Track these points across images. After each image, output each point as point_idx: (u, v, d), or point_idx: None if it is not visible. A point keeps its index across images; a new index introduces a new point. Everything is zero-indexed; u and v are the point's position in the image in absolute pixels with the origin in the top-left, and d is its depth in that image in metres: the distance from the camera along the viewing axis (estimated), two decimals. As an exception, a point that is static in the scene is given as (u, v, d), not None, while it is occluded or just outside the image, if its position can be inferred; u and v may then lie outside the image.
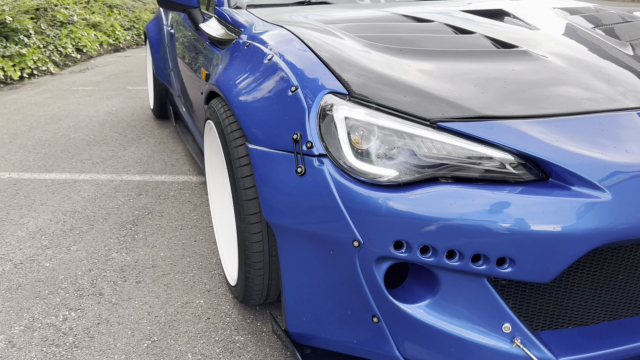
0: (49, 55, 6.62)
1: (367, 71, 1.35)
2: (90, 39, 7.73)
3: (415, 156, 1.18)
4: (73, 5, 7.93)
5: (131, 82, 5.87)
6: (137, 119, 4.21)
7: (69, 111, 4.50)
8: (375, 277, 1.21)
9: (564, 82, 1.37)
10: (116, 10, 9.33)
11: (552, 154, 1.14)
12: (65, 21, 7.39)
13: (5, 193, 2.74)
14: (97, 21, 8.21)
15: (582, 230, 1.09)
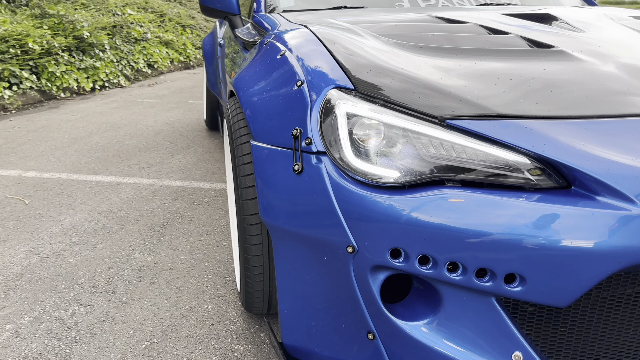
0: (121, 70, 6.96)
1: (378, 67, 1.25)
2: (161, 55, 8.07)
3: (420, 156, 1.06)
4: (148, 23, 8.34)
5: (193, 96, 6.04)
6: (191, 130, 4.29)
7: (129, 120, 4.67)
8: (371, 288, 1.10)
9: (601, 83, 1.21)
10: (188, 30, 9.73)
11: (575, 159, 0.99)
12: (140, 38, 7.76)
13: (51, 192, 2.84)
14: (170, 39, 8.58)
15: (607, 247, 0.93)
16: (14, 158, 3.50)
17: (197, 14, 10.75)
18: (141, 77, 7.42)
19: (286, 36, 1.54)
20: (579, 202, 0.97)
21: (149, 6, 9.05)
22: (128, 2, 8.46)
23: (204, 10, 2.42)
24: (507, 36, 1.49)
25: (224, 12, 2.37)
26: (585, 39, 1.49)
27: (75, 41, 6.26)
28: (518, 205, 0.98)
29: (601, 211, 0.95)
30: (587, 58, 1.32)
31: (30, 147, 3.77)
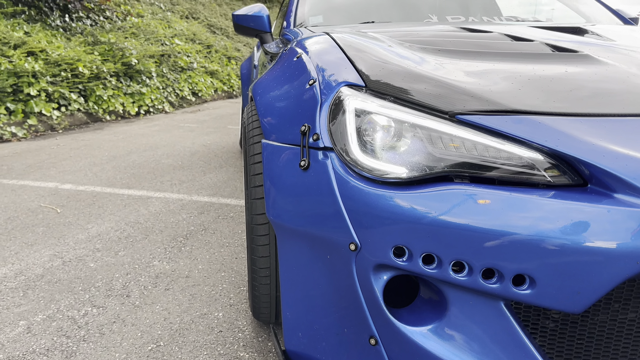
0: (166, 96, 7.19)
1: (392, 65, 1.23)
2: (206, 84, 8.31)
3: (428, 152, 1.02)
4: (195, 54, 8.63)
5: (233, 122, 6.16)
6: (226, 152, 4.35)
7: (168, 142, 4.78)
8: (373, 289, 1.04)
9: (624, 84, 1.14)
10: (233, 61, 10.02)
11: (592, 155, 0.93)
12: (186, 67, 8.03)
13: (83, 202, 2.91)
14: (215, 69, 8.84)
15: (625, 247, 0.86)
16: (54, 172, 3.62)
17: (243, 47, 11.09)
18: (185, 104, 7.64)
19: (306, 42, 1.54)
20: (595, 199, 0.90)
21: (196, 38, 9.39)
22: (177, 34, 8.80)
23: (237, 29, 2.47)
24: (531, 43, 1.45)
25: (256, 30, 2.42)
26: (613, 47, 1.43)
27: (123, 67, 6.53)
28: (530, 202, 0.92)
29: (619, 209, 0.88)
30: (612, 62, 1.26)
31: (70, 163, 3.89)
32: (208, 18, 11.20)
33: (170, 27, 9.07)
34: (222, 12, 12.33)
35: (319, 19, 2.33)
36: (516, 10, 2.88)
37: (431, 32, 1.62)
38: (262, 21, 2.38)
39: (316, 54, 1.37)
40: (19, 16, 6.40)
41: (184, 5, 10.99)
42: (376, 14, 2.35)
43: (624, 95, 1.09)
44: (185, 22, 10.03)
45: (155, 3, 10.22)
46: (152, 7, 9.86)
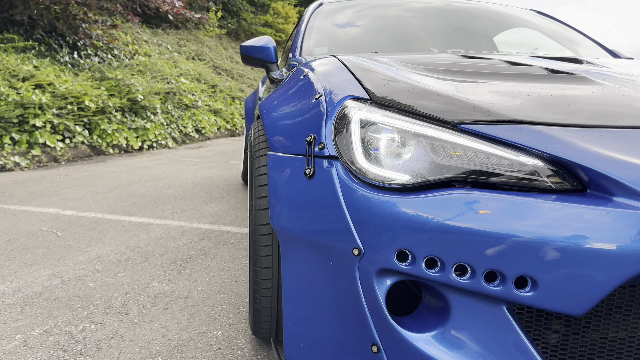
0: (170, 132, 7.29)
1: (396, 81, 1.27)
2: (210, 122, 8.43)
3: (431, 159, 1.04)
4: (200, 92, 8.80)
5: (235, 157, 6.22)
6: (228, 184, 4.38)
7: (170, 174, 4.82)
8: (376, 294, 1.04)
9: (622, 100, 1.18)
10: (237, 101, 10.19)
11: (591, 160, 0.95)
12: (190, 105, 8.17)
13: (84, 227, 2.91)
14: (219, 108, 8.99)
15: (625, 248, 0.87)
16: (56, 199, 3.63)
17: (247, 87, 11.30)
18: (188, 140, 7.72)
19: (312, 63, 1.59)
20: (595, 203, 0.92)
21: (202, 78, 9.59)
22: (183, 73, 8.99)
23: (245, 59, 2.54)
24: (529, 67, 1.50)
25: (262, 60, 2.49)
26: (607, 72, 1.48)
27: (129, 103, 6.64)
28: (531, 206, 0.94)
29: (618, 211, 0.89)
30: (607, 83, 1.30)
31: (72, 191, 3.91)
32: (214, 60, 11.46)
33: (177, 66, 9.27)
34: (227, 55, 12.64)
35: (324, 50, 2.40)
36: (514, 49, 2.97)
37: (434, 58, 1.67)
38: (269, 52, 2.46)
39: (322, 72, 1.42)
40: (29, 51, 6.56)
41: (190, 47, 11.27)
42: (380, 47, 2.43)
43: (619, 109, 1.12)
44: (191, 62, 10.27)
45: (163, 44, 10.48)
46: (159, 48, 10.11)
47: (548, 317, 0.98)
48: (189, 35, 12.02)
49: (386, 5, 2.94)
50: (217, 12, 13.40)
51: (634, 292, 0.95)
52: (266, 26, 16.65)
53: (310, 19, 2.62)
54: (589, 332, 0.97)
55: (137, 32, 10.15)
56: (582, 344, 0.98)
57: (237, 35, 15.47)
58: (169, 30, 11.48)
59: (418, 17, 2.83)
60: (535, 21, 2.99)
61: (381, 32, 2.68)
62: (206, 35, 12.73)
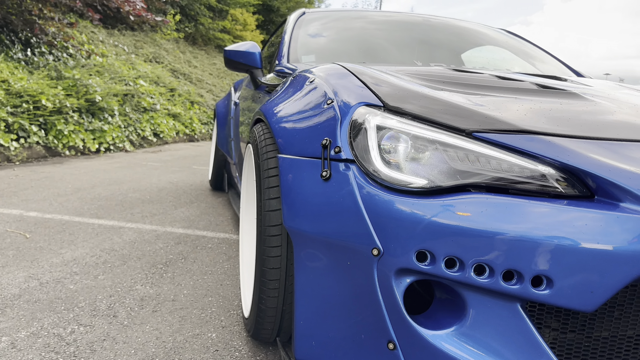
0: (127, 135, 7.12)
1: (404, 89, 1.32)
2: (168, 126, 8.29)
3: (448, 165, 1.10)
4: (158, 95, 8.64)
5: (197, 163, 6.15)
6: (194, 189, 4.33)
7: (132, 178, 4.71)
8: (394, 293, 1.09)
9: (616, 116, 1.28)
10: (197, 106, 10.07)
11: (599, 168, 1.03)
12: (149, 108, 8.01)
13: (53, 229, 2.82)
14: (178, 112, 8.85)
15: (632, 249, 0.95)
16: (16, 200, 3.50)
17: (206, 93, 11.18)
18: (146, 144, 7.57)
19: (315, 69, 1.63)
20: (604, 208, 1.00)
21: (160, 81, 9.42)
22: (141, 75, 8.81)
23: (228, 64, 2.55)
24: (521, 82, 1.59)
25: (247, 65, 2.50)
26: (590, 89, 1.59)
27: (86, 104, 6.45)
28: (546, 209, 1.01)
29: (626, 216, 0.97)
30: (597, 99, 1.41)
31: (32, 192, 3.77)
32: (172, 63, 11.29)
33: (135, 68, 9.08)
34: (185, 59, 12.47)
35: (312, 58, 2.44)
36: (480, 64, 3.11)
37: (428, 70, 1.74)
38: (254, 57, 2.48)
39: (329, 78, 1.46)
40: (-19, 46, 6.28)
41: (147, 50, 11.06)
42: (364, 57, 2.50)
43: (616, 124, 1.22)
44: (149, 65, 10.07)
45: (119, 45, 10.24)
46: (115, 49, 9.87)
47: (557, 313, 1.05)
48: (146, 38, 11.79)
49: (363, 17, 3.02)
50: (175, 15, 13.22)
51: (635, 291, 1.04)
52: (224, 32, 16.55)
53: (295, 28, 2.65)
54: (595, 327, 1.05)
55: (93, 32, 9.88)
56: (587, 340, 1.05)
57: (194, 39, 15.29)
58: (125, 32, 11.23)
59: (395, 30, 2.93)
60: (505, 40, 3.14)
61: (362, 43, 2.75)
62: (163, 38, 12.53)
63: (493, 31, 3.25)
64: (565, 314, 1.05)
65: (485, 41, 3.19)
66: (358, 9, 3.03)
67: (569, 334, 1.06)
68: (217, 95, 11.62)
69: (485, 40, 3.19)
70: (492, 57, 3.31)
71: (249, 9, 17.97)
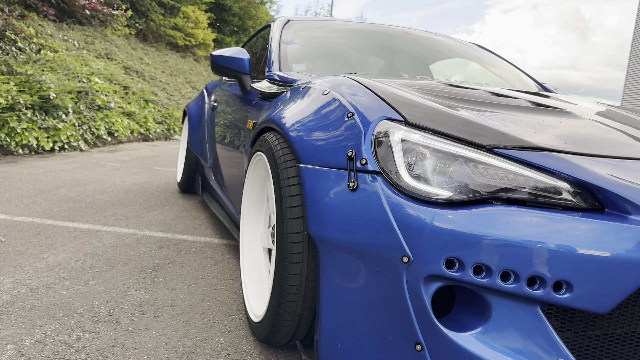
0: (82, 134, 6.90)
1: (421, 106, 1.41)
2: (122, 125, 8.08)
3: (471, 179, 1.19)
4: (113, 93, 8.41)
5: (158, 164, 6.04)
6: (162, 191, 4.27)
7: (95, 179, 4.59)
8: (423, 298, 1.16)
9: (612, 135, 1.41)
10: (151, 105, 9.86)
11: (609, 184, 1.15)
12: (103, 106, 7.79)
13: (27, 233, 2.73)
14: (132, 111, 8.65)
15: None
16: (-21, 201, 3.35)
17: (160, 91, 10.96)
18: (100, 143, 7.36)
19: (324, 81, 1.69)
20: (615, 219, 1.12)
21: (114, 78, 9.17)
22: (94, 72, 8.55)
23: (215, 68, 2.57)
24: (516, 99, 1.71)
25: (235, 71, 2.52)
26: (579, 108, 1.73)
27: (40, 101, 6.21)
28: (564, 220, 1.11)
29: (634, 227, 1.09)
30: (591, 118, 1.54)
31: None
32: (124, 60, 10.99)
33: (87, 65, 8.79)
34: (137, 56, 12.17)
35: (302, 66, 2.50)
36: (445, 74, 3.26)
37: (427, 85, 1.84)
38: (243, 63, 2.50)
39: (344, 91, 1.52)
40: None
41: (98, 45, 10.72)
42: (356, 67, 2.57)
43: (614, 142, 1.35)
44: (102, 61, 9.78)
45: (69, 40, 9.88)
46: (65, 44, 9.52)
47: (572, 316, 1.16)
48: (96, 33, 11.42)
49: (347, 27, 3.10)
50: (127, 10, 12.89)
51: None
52: (176, 29, 16.25)
53: (282, 35, 2.70)
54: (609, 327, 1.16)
55: (41, 24, 9.48)
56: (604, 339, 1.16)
57: (145, 36, 14.94)
58: (74, 26, 10.83)
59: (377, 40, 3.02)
60: (475, 54, 3.30)
61: (346, 52, 2.83)
62: (114, 34, 12.18)
63: (462, 44, 3.41)
64: (579, 315, 1.16)
65: (456, 54, 3.34)
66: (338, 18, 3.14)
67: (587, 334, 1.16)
68: (171, 94, 11.42)
69: (456, 53, 3.33)
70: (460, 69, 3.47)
71: (201, 7, 17.73)
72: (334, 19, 3.33)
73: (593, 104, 2.03)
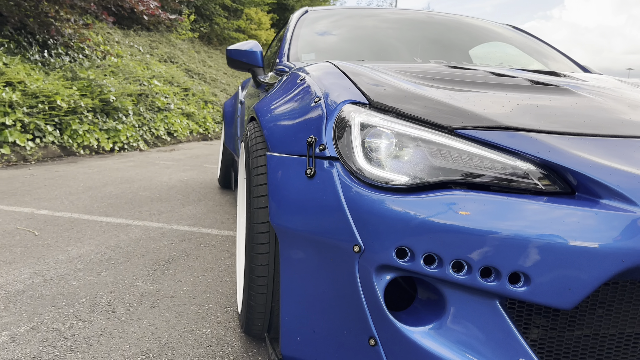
0: (141, 135, 7.20)
1: (392, 87, 1.33)
2: (182, 125, 8.37)
3: (430, 162, 1.10)
4: (172, 95, 8.73)
5: (209, 162, 6.20)
6: (203, 187, 4.37)
7: (144, 176, 4.78)
8: (375, 289, 1.09)
9: (604, 112, 1.27)
10: (210, 105, 10.15)
11: (580, 165, 1.03)
12: (163, 108, 8.10)
13: (61, 227, 2.87)
14: (192, 112, 8.93)
15: (610, 247, 0.94)
16: (29, 198, 3.57)
17: (220, 92, 11.25)
18: (160, 143, 7.65)
19: (307, 68, 1.64)
20: (583, 204, 0.99)
21: (174, 81, 9.51)
22: (155, 75, 8.91)
23: (230, 63, 2.57)
24: (514, 78, 1.58)
25: (249, 64, 2.52)
26: (585, 84, 1.57)
27: (101, 104, 6.54)
28: (525, 206, 1.00)
29: (605, 212, 0.97)
30: (587, 95, 1.39)
31: (45, 191, 3.85)
32: (186, 63, 11.39)
33: (149, 68, 9.18)
34: (200, 59, 12.57)
35: (312, 56, 2.45)
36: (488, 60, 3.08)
37: (423, 67, 1.74)
38: (256, 56, 2.50)
39: (320, 76, 1.47)
40: (-1, 48, 6.41)
41: (162, 50, 11.17)
42: (363, 55, 2.50)
43: (602, 120, 1.21)
44: (164, 65, 10.18)
45: (135, 45, 10.36)
46: (131, 49, 9.99)
47: (537, 311, 1.04)
48: (161, 38, 11.92)
49: (367, 15, 3.02)
50: (190, 15, 13.33)
51: (617, 289, 1.03)
52: (239, 31, 16.64)
53: (297, 27, 2.67)
54: (575, 326, 1.04)
55: (109, 32, 10.01)
56: (568, 338, 1.05)
57: (209, 39, 15.41)
58: (140, 32, 11.36)
59: (399, 28, 2.92)
60: (511, 36, 3.11)
61: (364, 41, 2.75)
62: (178, 38, 12.65)
63: (499, 27, 3.23)
64: (545, 311, 1.04)
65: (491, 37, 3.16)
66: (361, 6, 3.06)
67: (549, 332, 1.05)
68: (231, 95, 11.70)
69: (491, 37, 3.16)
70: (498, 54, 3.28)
71: (263, 8, 18.03)
72: (356, 7, 3.25)
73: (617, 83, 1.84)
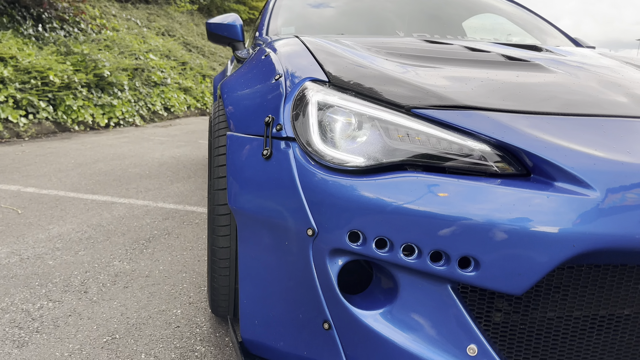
0: (137, 110, 7.16)
1: (356, 64, 1.28)
2: (179, 100, 8.30)
3: (385, 143, 1.06)
4: (169, 69, 8.64)
5: (204, 137, 6.16)
6: (195, 164, 4.35)
7: (136, 153, 4.75)
8: (329, 273, 1.07)
9: (571, 89, 1.22)
10: (208, 79, 10.05)
11: (535, 146, 0.99)
12: (159, 82, 8.02)
13: (46, 205, 2.86)
14: (189, 86, 8.85)
15: (562, 231, 0.91)
16: (17, 176, 3.56)
17: (219, 66, 11.14)
18: (157, 118, 7.60)
19: (275, 43, 1.59)
20: (537, 187, 0.96)
21: (171, 54, 9.41)
22: (152, 49, 8.81)
23: (211, 37, 2.51)
24: (487, 53, 1.53)
25: (229, 38, 2.46)
26: (563, 60, 1.52)
27: (95, 79, 6.49)
28: (476, 189, 0.97)
29: (558, 195, 0.93)
30: (560, 71, 1.34)
31: (34, 168, 3.83)
32: (184, 36, 11.25)
33: (146, 42, 9.07)
34: (199, 32, 12.41)
35: (291, 29, 2.39)
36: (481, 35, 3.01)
37: (396, 42, 1.69)
38: (236, 30, 2.44)
39: (284, 53, 1.42)
40: (-9, 22, 6.33)
41: (160, 23, 11.03)
42: (347, 28, 2.43)
43: (568, 97, 1.16)
44: (161, 38, 10.06)
45: (132, 19, 10.23)
46: (128, 23, 9.86)
47: (491, 296, 1.02)
48: (159, 10, 11.75)
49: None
50: (189, -13, 13.12)
51: (572, 273, 1.00)
52: (239, 3, 16.37)
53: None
54: (529, 311, 1.02)
55: (106, 5, 9.88)
56: (522, 323, 1.02)
57: (209, 11, 15.18)
58: (138, 5, 11.20)
59: (387, 0, 2.84)
60: (505, 8, 3.03)
61: (349, 14, 2.68)
62: (177, 11, 12.47)
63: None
64: (499, 296, 1.02)
65: (484, 9, 3.08)
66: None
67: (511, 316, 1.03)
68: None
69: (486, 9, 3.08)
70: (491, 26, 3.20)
71: (264, -21, 17.71)
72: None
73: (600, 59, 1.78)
